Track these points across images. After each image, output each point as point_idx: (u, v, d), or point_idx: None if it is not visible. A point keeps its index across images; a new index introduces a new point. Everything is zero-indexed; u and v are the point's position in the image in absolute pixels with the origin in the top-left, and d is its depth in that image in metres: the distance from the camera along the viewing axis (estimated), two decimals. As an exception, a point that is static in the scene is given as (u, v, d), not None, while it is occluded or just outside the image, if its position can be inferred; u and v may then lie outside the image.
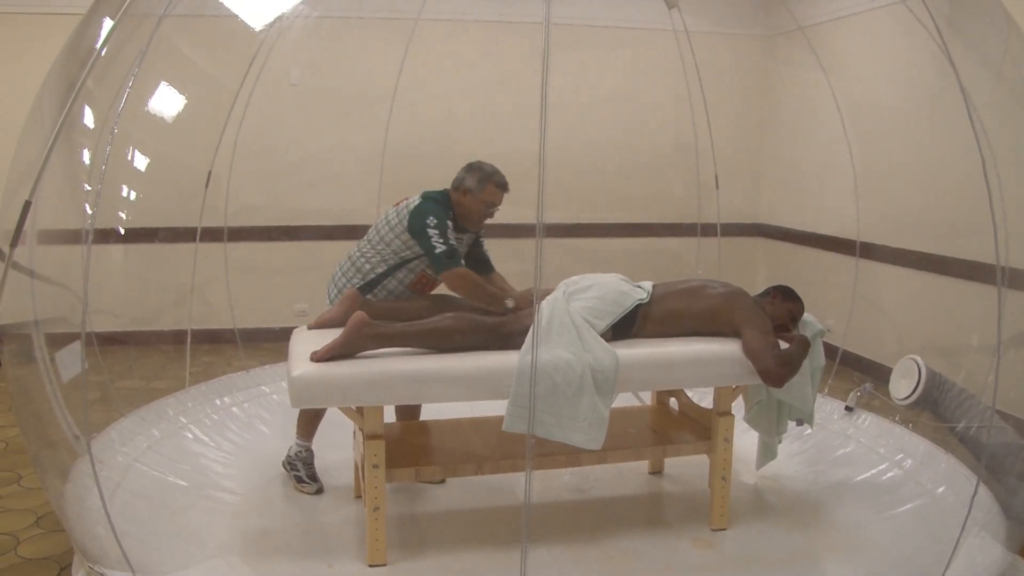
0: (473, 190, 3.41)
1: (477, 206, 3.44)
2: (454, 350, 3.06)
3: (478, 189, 3.41)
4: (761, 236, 7.04)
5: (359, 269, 3.51)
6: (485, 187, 3.42)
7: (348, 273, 3.54)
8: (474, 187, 3.41)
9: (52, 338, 3.12)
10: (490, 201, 3.45)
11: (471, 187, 3.41)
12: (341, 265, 3.59)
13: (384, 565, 3.05)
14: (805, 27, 5.97)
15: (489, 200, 3.45)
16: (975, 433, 3.55)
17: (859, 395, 4.48)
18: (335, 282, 3.58)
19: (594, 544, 3.25)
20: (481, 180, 3.41)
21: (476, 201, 3.43)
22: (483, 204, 3.44)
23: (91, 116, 3.23)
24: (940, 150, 4.92)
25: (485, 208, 3.46)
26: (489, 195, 3.43)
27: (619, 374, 3.03)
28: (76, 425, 3.14)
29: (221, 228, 5.22)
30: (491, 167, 3.45)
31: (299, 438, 3.74)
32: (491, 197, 3.44)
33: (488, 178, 3.42)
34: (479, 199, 3.42)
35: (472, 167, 3.45)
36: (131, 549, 2.75)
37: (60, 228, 3.37)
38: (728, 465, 3.38)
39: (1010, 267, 3.13)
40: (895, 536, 3.35)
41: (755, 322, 3.24)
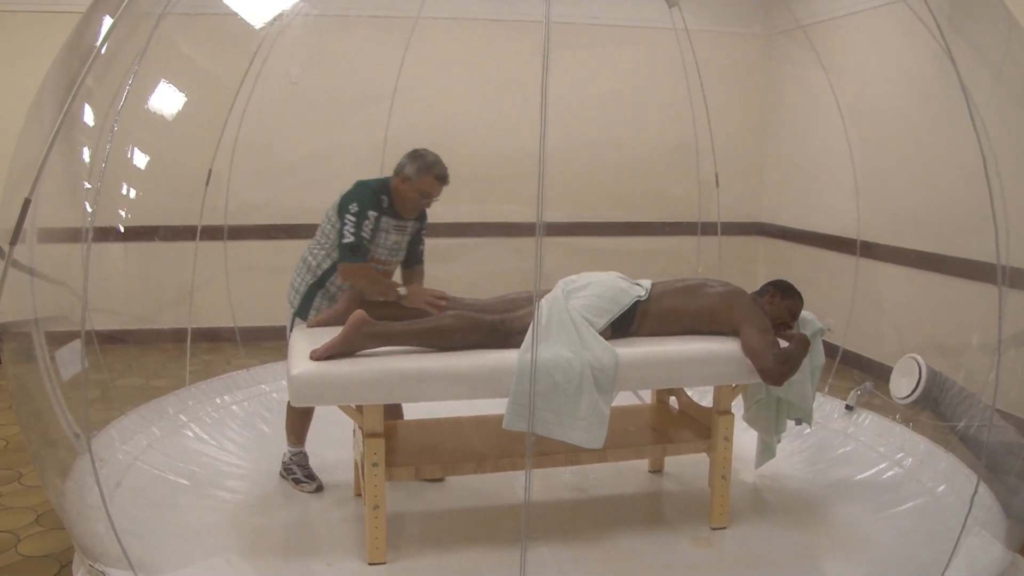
0: (411, 178, 3.36)
1: (412, 194, 3.39)
2: (454, 349, 3.06)
3: (416, 177, 3.36)
4: (761, 235, 7.04)
5: (309, 267, 3.51)
6: (423, 176, 3.36)
7: (301, 272, 3.54)
8: (412, 175, 3.36)
9: (52, 336, 3.12)
10: (426, 191, 3.40)
11: (409, 175, 3.36)
12: (296, 266, 3.58)
13: (384, 563, 3.05)
14: (805, 26, 5.96)
15: (425, 190, 3.39)
16: (975, 432, 3.55)
17: (859, 394, 4.48)
18: (292, 284, 3.57)
19: (594, 543, 3.25)
20: (420, 169, 3.36)
21: (412, 189, 3.38)
22: (418, 193, 3.39)
23: (91, 114, 3.23)
24: (940, 149, 4.92)
25: (420, 197, 3.41)
26: (426, 185, 3.38)
27: (619, 372, 3.03)
28: (76, 423, 3.14)
29: (221, 226, 5.22)
30: (433, 157, 3.40)
31: (290, 446, 3.74)
32: (428, 187, 3.39)
33: (427, 168, 3.36)
34: (415, 187, 3.37)
35: (415, 154, 3.40)
36: (131, 547, 2.75)
37: (60, 226, 3.37)
38: (728, 464, 3.38)
39: (1011, 266, 3.12)
40: (895, 535, 3.35)
41: (754, 321, 3.24)
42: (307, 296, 3.52)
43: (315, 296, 3.52)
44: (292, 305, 3.56)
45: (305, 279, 3.52)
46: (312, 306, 3.52)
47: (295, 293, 3.55)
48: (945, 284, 4.98)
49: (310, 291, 3.52)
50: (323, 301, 3.52)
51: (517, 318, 3.16)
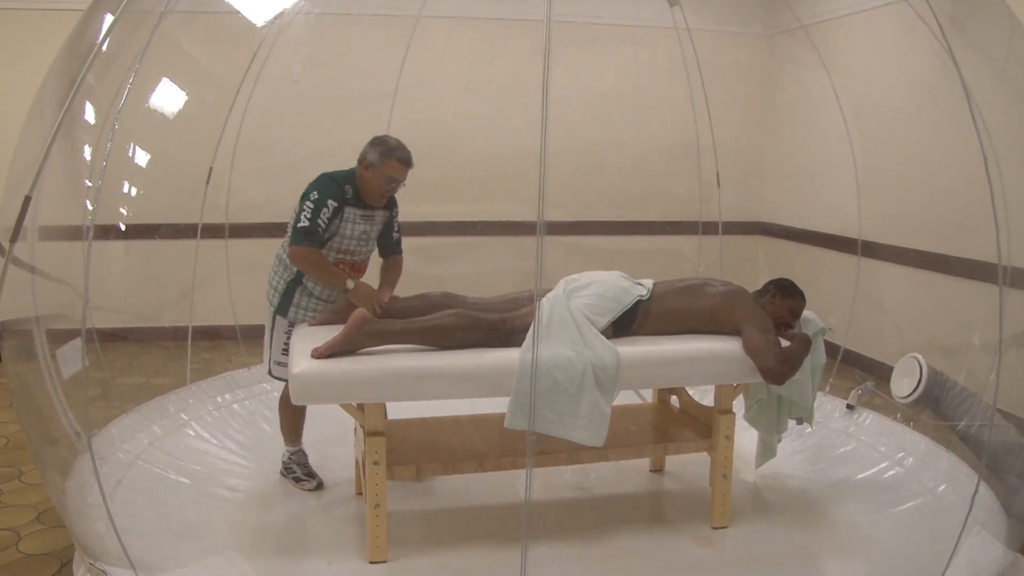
0: (375, 164, 3.33)
1: (378, 180, 3.36)
2: (455, 347, 3.06)
3: (379, 163, 3.33)
4: (763, 234, 7.03)
5: (284, 263, 3.49)
6: (387, 161, 3.33)
7: (277, 270, 3.52)
8: (376, 161, 3.33)
9: (53, 334, 3.12)
10: (391, 176, 3.36)
11: (373, 161, 3.33)
12: (273, 264, 3.56)
13: (385, 562, 3.05)
14: (807, 25, 5.96)
15: (390, 175, 3.35)
16: (976, 432, 3.55)
17: (860, 393, 4.48)
18: (270, 282, 3.55)
19: (595, 542, 3.25)
20: (383, 154, 3.33)
21: (377, 175, 3.35)
22: (384, 178, 3.35)
23: (92, 112, 3.23)
24: (942, 149, 4.91)
25: (386, 183, 3.37)
26: (390, 169, 3.34)
27: (620, 371, 3.03)
28: (77, 421, 3.14)
29: (222, 225, 5.21)
30: (395, 141, 3.37)
31: (287, 445, 3.73)
32: (392, 171, 3.35)
33: (390, 152, 3.33)
34: (380, 173, 3.34)
35: (376, 141, 3.37)
36: (132, 546, 2.75)
37: (61, 224, 3.37)
38: (729, 463, 3.38)
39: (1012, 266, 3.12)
40: (896, 534, 3.35)
41: (755, 320, 3.24)
42: (286, 293, 3.48)
43: (295, 293, 3.48)
44: (271, 303, 3.52)
45: (282, 276, 3.49)
46: (292, 303, 3.48)
47: (273, 291, 3.52)
48: (946, 284, 4.98)
49: (288, 288, 3.48)
50: (303, 297, 3.48)
51: (518, 317, 3.16)
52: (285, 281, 3.48)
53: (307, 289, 3.48)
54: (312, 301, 3.49)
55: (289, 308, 3.49)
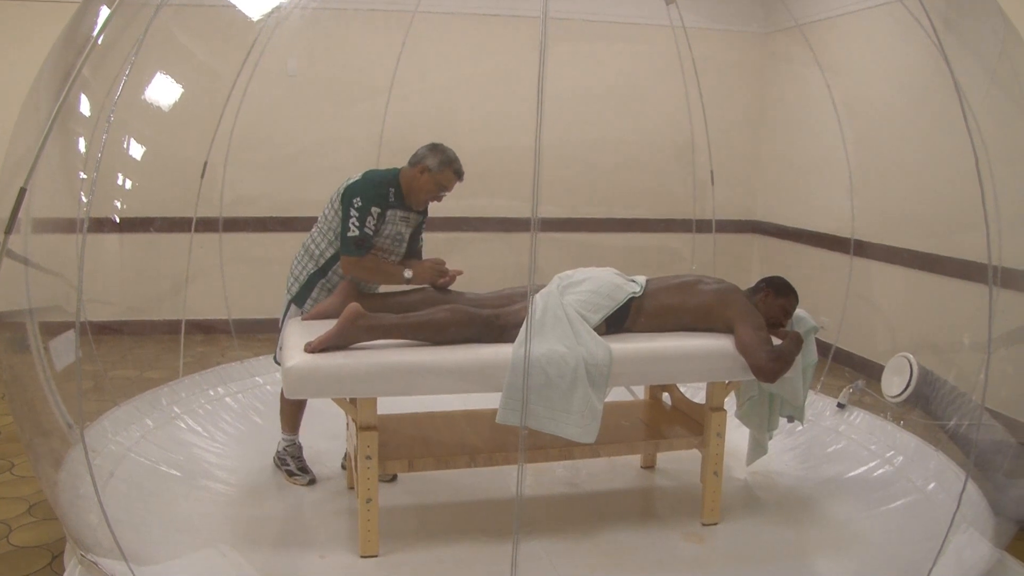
0: (432, 170, 3.37)
1: (430, 186, 3.40)
2: (448, 342, 3.06)
3: (437, 170, 3.37)
4: (756, 233, 7.05)
5: (311, 255, 3.50)
6: (444, 170, 3.38)
7: (303, 261, 3.53)
8: (434, 167, 3.37)
9: (46, 327, 3.12)
10: (443, 184, 3.41)
11: (431, 167, 3.37)
12: (297, 254, 3.57)
13: (376, 556, 3.06)
14: (803, 24, 5.97)
15: (443, 183, 3.41)
16: (965, 430, 3.57)
17: (851, 392, 4.50)
18: (292, 272, 3.56)
19: (585, 537, 3.26)
20: (442, 163, 3.37)
21: (431, 181, 3.39)
22: (436, 186, 3.40)
23: (87, 104, 3.23)
24: (934, 148, 4.93)
25: (437, 190, 3.42)
26: (445, 179, 3.40)
27: (613, 368, 3.04)
28: (69, 414, 3.14)
29: (216, 218, 5.21)
30: (453, 153, 3.43)
31: (285, 433, 3.74)
32: (446, 181, 3.41)
33: (449, 163, 3.39)
34: (435, 179, 3.38)
35: (435, 148, 3.41)
36: (124, 538, 2.75)
37: (55, 216, 3.36)
38: (720, 460, 3.40)
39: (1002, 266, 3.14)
40: (885, 532, 3.37)
41: (748, 318, 3.25)
42: (307, 285, 3.50)
43: (315, 285, 3.50)
44: (289, 292, 3.54)
45: (307, 267, 3.50)
46: (311, 296, 3.50)
47: (294, 280, 3.54)
48: (937, 283, 5.00)
49: (311, 279, 3.50)
50: (322, 292, 3.50)
51: (512, 312, 3.17)
52: (308, 272, 3.50)
53: (331, 282, 3.50)
54: (330, 294, 3.50)
55: (306, 300, 3.50)
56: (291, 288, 3.54)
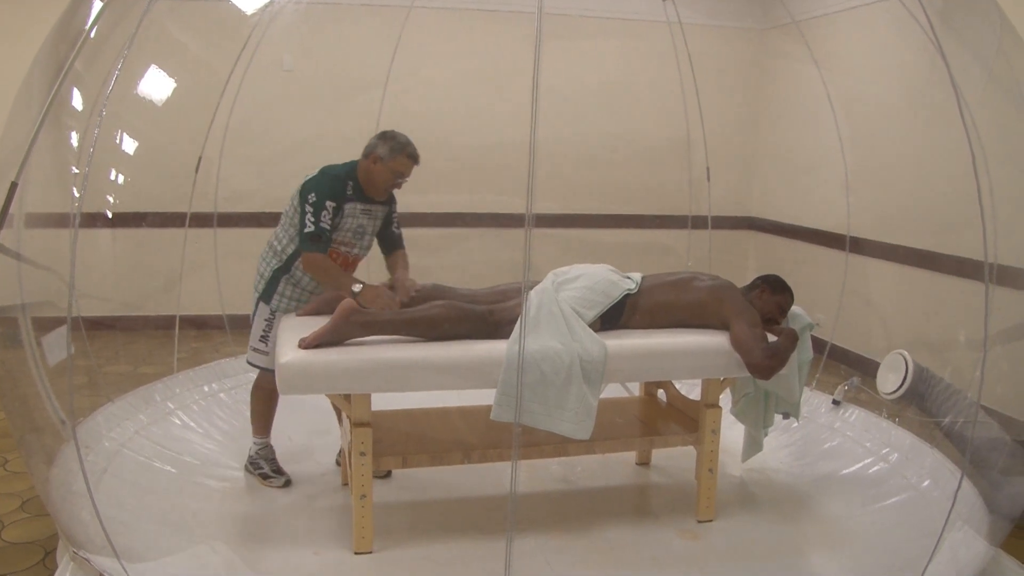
0: (384, 158, 3.34)
1: (385, 175, 3.37)
2: (443, 339, 3.06)
3: (389, 158, 3.34)
4: (752, 229, 7.05)
5: (274, 251, 3.48)
6: (396, 156, 3.34)
7: (267, 257, 3.51)
8: (385, 155, 3.34)
9: (39, 322, 3.11)
10: (399, 171, 3.38)
11: (382, 155, 3.34)
12: (263, 251, 3.55)
13: (370, 552, 3.06)
14: (799, 21, 5.97)
15: (398, 170, 3.37)
16: (960, 428, 3.57)
17: (846, 389, 4.50)
18: (258, 269, 3.53)
19: (580, 534, 3.26)
20: (393, 149, 3.34)
21: (385, 170, 3.36)
22: (392, 173, 3.37)
23: (79, 98, 3.21)
24: (931, 146, 4.93)
25: (393, 178, 3.39)
26: (399, 165, 3.36)
27: (607, 364, 3.03)
28: (62, 410, 3.12)
29: (211, 214, 5.20)
30: (404, 137, 3.39)
31: (257, 436, 3.69)
32: (401, 167, 3.37)
33: (401, 148, 3.34)
34: (388, 168, 3.35)
35: (386, 135, 3.38)
36: (116, 534, 2.74)
37: (48, 211, 3.35)
38: (715, 457, 3.39)
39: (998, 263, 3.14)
40: (880, 529, 3.37)
41: (743, 314, 3.24)
42: (271, 281, 3.47)
43: (279, 281, 3.47)
44: (256, 291, 3.52)
45: (270, 264, 3.48)
46: (276, 291, 3.47)
47: (260, 278, 3.51)
48: (933, 281, 5.00)
49: (275, 276, 3.47)
50: (287, 287, 3.47)
51: (506, 309, 3.16)
52: (272, 269, 3.47)
53: (293, 278, 3.47)
54: (297, 291, 3.49)
55: (273, 296, 3.47)
56: (257, 286, 3.52)
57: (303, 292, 3.50)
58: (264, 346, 3.48)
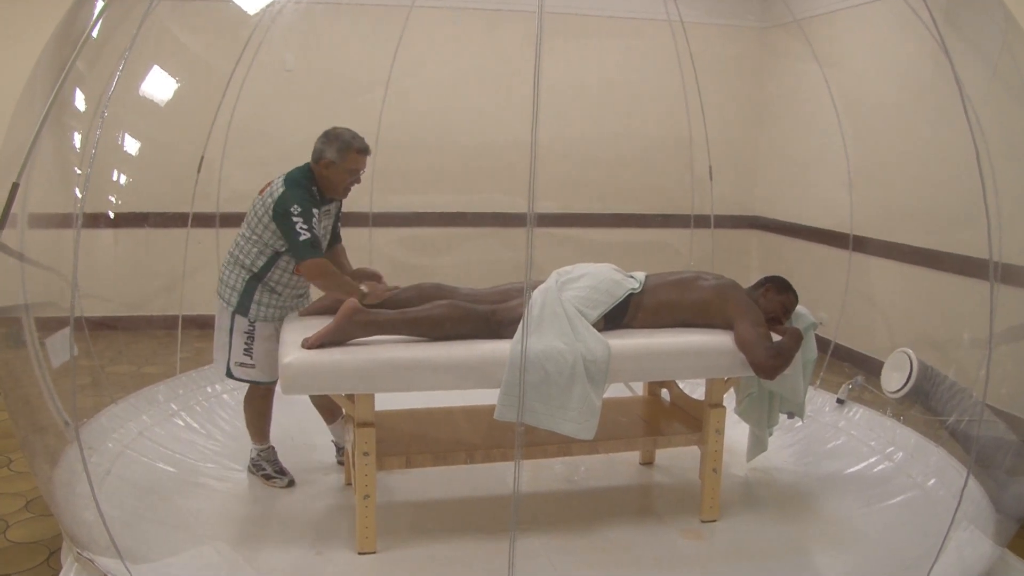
0: (336, 161, 3.29)
1: (341, 176, 3.32)
2: (446, 338, 3.05)
3: (340, 158, 3.29)
4: (755, 228, 7.04)
5: (242, 265, 3.38)
6: (347, 156, 3.29)
7: (234, 270, 3.40)
8: (336, 158, 3.29)
9: (42, 322, 3.10)
10: (353, 168, 3.33)
11: (333, 158, 3.29)
12: (225, 260, 3.46)
13: (374, 553, 3.05)
14: (801, 19, 5.96)
15: (352, 168, 3.33)
16: (965, 427, 3.56)
17: (851, 388, 4.49)
18: (224, 281, 3.44)
19: (583, 534, 3.25)
20: (341, 149, 3.28)
21: (340, 171, 3.31)
22: (347, 173, 3.32)
23: (82, 99, 3.21)
24: (934, 144, 4.92)
25: (349, 176, 3.35)
26: (352, 162, 3.31)
27: (611, 364, 3.02)
28: (66, 411, 3.12)
29: (213, 214, 5.19)
30: (349, 133, 3.33)
31: (255, 443, 3.66)
32: (355, 164, 3.32)
33: (348, 146, 3.29)
34: (343, 168, 3.31)
35: (329, 136, 3.32)
36: (120, 535, 2.74)
37: (50, 212, 3.34)
38: (719, 457, 3.39)
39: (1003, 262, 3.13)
40: (885, 528, 3.36)
41: (748, 314, 3.23)
42: (246, 292, 3.39)
43: (255, 291, 3.39)
44: (229, 304, 3.41)
45: (240, 275, 3.39)
46: (253, 300, 3.39)
47: (231, 290, 3.40)
48: (937, 279, 4.99)
49: (248, 286, 3.38)
50: (264, 294, 3.40)
51: (509, 308, 3.15)
52: (244, 280, 3.39)
53: (268, 285, 3.40)
54: (275, 298, 3.42)
55: (250, 306, 3.39)
56: (228, 299, 3.41)
57: (280, 298, 3.43)
58: (250, 359, 3.43)
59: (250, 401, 3.60)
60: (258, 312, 3.41)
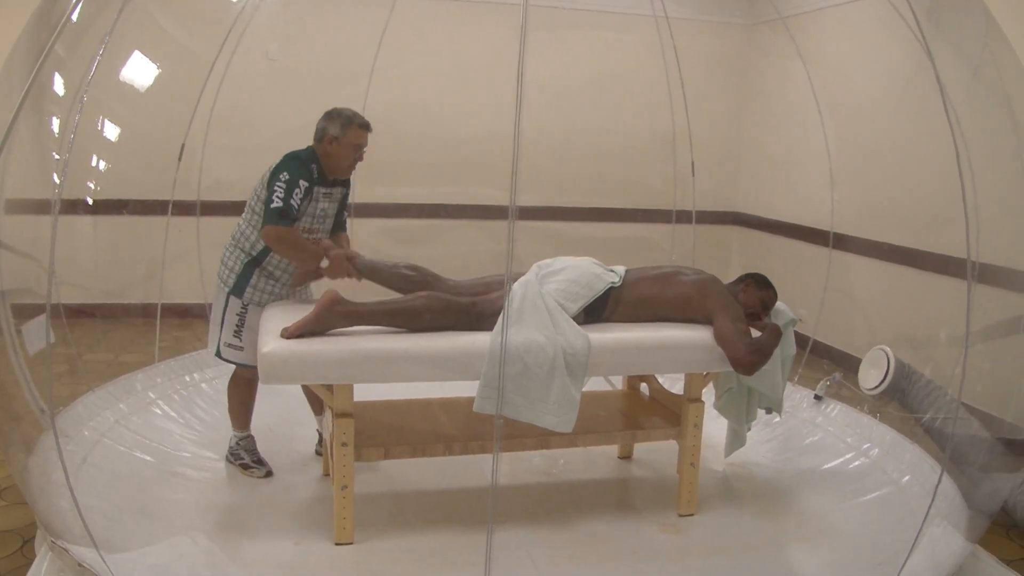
0: (339, 137, 3.34)
1: (346, 152, 3.36)
2: (426, 330, 3.05)
3: (343, 134, 3.33)
4: (736, 224, 7.06)
5: (242, 248, 3.42)
6: (349, 130, 3.34)
7: (234, 253, 3.44)
8: (339, 133, 3.33)
9: (18, 309, 3.07)
10: (357, 143, 3.38)
11: (336, 135, 3.33)
12: (227, 244, 3.49)
13: (351, 544, 3.05)
14: (786, 17, 5.97)
15: (356, 143, 3.37)
16: (940, 424, 3.60)
17: (828, 384, 4.52)
18: (224, 263, 3.46)
19: (561, 527, 3.26)
20: (344, 125, 3.33)
21: (343, 147, 3.35)
22: (351, 148, 3.37)
23: (60, 83, 3.17)
24: (915, 143, 4.95)
25: (353, 152, 3.39)
26: (355, 137, 3.36)
27: (591, 358, 3.03)
28: (41, 398, 3.09)
29: (193, 202, 5.16)
30: (350, 110, 3.39)
31: (236, 430, 3.66)
32: (358, 139, 3.37)
33: (350, 121, 3.34)
34: (346, 144, 3.35)
35: (331, 114, 3.38)
36: (95, 524, 2.73)
37: (27, 198, 3.31)
38: (697, 451, 3.40)
39: (980, 262, 3.15)
40: (860, 524, 3.39)
41: (727, 309, 3.24)
42: (243, 275, 3.41)
43: (252, 274, 3.42)
44: (226, 284, 3.44)
45: (239, 258, 3.42)
46: (249, 284, 3.41)
47: (228, 272, 3.44)
48: (916, 278, 5.02)
49: (246, 269, 3.41)
50: (260, 279, 3.42)
51: (490, 301, 3.15)
52: (242, 262, 3.42)
53: (266, 271, 3.42)
54: (270, 283, 3.44)
55: (245, 289, 3.41)
56: (226, 279, 3.44)
57: (276, 284, 3.45)
58: (239, 341, 3.44)
59: (235, 385, 3.59)
60: (252, 296, 3.43)
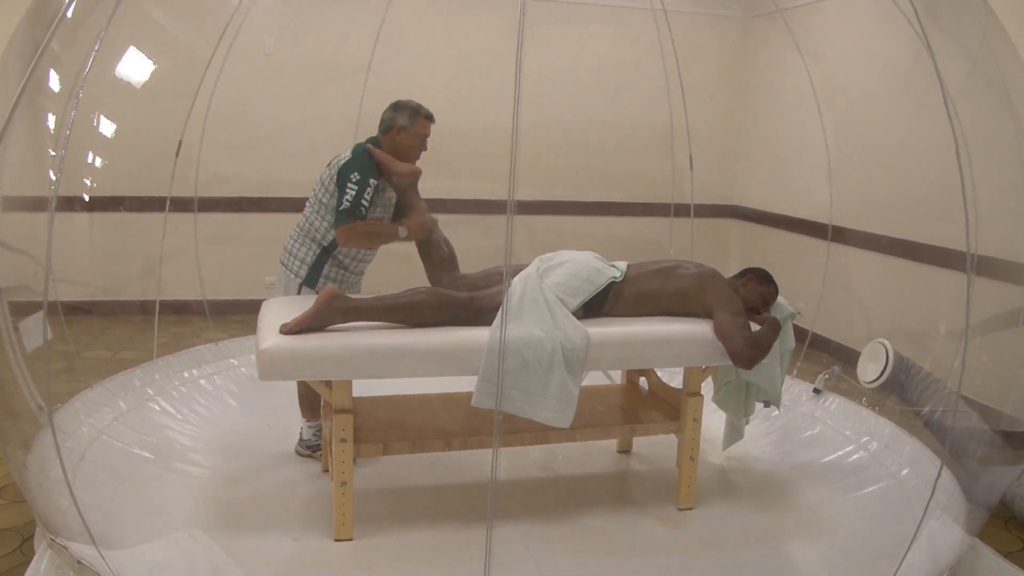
0: (407, 127, 3.44)
1: (413, 141, 3.47)
2: (424, 325, 3.04)
3: (411, 124, 3.44)
4: (735, 218, 7.06)
5: (313, 239, 3.49)
6: (417, 120, 3.45)
7: (304, 243, 3.51)
8: (407, 124, 3.44)
9: (15, 306, 3.07)
10: (423, 133, 3.49)
11: (404, 124, 3.44)
12: (292, 235, 3.56)
13: (350, 540, 3.05)
14: (784, 9, 5.96)
15: (422, 132, 3.49)
16: (940, 417, 3.59)
17: (827, 378, 4.52)
18: (293, 253, 3.53)
19: (561, 522, 3.26)
20: (411, 115, 3.45)
21: (411, 136, 3.45)
22: (418, 138, 3.48)
23: (56, 79, 3.16)
24: (914, 136, 4.94)
25: (420, 141, 3.50)
26: (422, 127, 3.48)
27: (590, 352, 3.02)
28: (39, 395, 3.09)
29: (191, 198, 5.15)
30: (415, 102, 3.50)
31: (308, 420, 3.71)
32: (423, 129, 3.49)
33: (416, 112, 3.46)
34: (414, 134, 3.46)
35: (398, 106, 3.48)
36: (94, 521, 2.72)
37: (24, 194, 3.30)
38: (696, 445, 3.40)
39: (979, 254, 3.15)
40: (859, 517, 3.39)
41: (727, 303, 3.24)
42: (316, 265, 3.50)
43: (324, 264, 3.50)
44: (297, 275, 3.51)
45: (312, 249, 3.50)
46: (322, 274, 3.50)
47: (299, 263, 3.51)
48: (915, 271, 5.02)
49: (319, 260, 3.50)
50: (332, 268, 3.52)
51: (489, 296, 3.14)
52: (314, 253, 3.50)
53: (338, 259, 3.52)
54: (342, 273, 3.55)
55: (318, 280, 3.50)
56: (297, 270, 3.51)
57: (348, 274, 3.56)
58: None
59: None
60: (324, 285, 3.47)
